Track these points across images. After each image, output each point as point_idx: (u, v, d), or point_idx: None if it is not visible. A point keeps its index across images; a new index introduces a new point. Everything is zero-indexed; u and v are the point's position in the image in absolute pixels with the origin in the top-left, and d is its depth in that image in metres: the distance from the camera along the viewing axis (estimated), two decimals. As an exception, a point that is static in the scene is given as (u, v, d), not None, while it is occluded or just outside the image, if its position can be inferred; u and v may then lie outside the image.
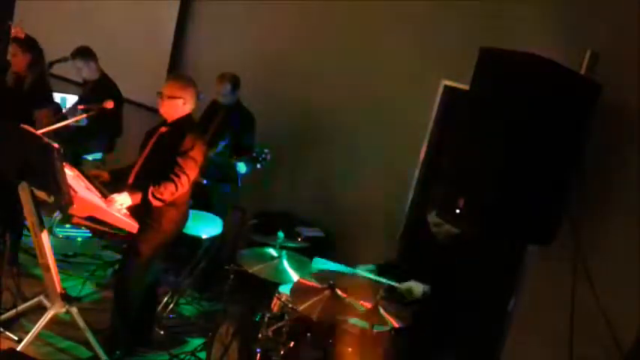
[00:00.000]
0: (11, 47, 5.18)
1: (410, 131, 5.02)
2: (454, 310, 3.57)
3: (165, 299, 4.72)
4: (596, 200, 2.73)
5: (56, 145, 3.23)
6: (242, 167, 5.13)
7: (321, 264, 3.97)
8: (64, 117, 4.34)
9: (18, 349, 3.68)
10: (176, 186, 3.80)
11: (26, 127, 3.53)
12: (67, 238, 5.69)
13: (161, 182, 3.76)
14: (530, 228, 2.72)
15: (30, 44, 5.16)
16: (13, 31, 5.20)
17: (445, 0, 4.83)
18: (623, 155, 2.70)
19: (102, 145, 6.00)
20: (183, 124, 3.98)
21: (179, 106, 3.97)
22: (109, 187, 3.91)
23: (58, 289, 3.82)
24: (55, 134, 3.65)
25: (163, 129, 4.04)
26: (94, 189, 3.79)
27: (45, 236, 3.72)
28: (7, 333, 3.89)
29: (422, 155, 4.96)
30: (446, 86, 4.84)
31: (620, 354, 2.56)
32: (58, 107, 5.63)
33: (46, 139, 3.31)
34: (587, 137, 2.69)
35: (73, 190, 3.40)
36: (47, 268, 3.76)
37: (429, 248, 3.90)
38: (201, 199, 4.55)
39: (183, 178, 3.83)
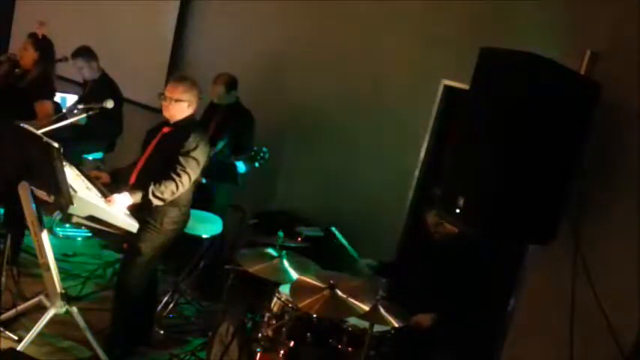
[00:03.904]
0: (24, 42, 5.20)
1: (410, 131, 5.02)
2: (454, 310, 3.57)
3: (165, 299, 4.72)
4: (596, 200, 2.73)
5: (56, 145, 3.23)
6: (241, 166, 5.14)
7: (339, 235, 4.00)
8: (64, 117, 4.33)
9: (18, 348, 3.68)
10: (177, 185, 3.80)
11: (26, 126, 3.53)
12: (67, 238, 5.70)
13: (162, 181, 3.76)
14: (530, 228, 2.72)
15: (43, 44, 5.17)
16: (36, 27, 5.22)
17: (445, 0, 4.83)
18: (623, 155, 2.70)
19: (102, 144, 6.00)
20: (187, 125, 3.98)
21: (184, 108, 3.97)
22: (109, 187, 3.91)
23: (58, 289, 3.82)
24: (55, 134, 3.64)
25: (166, 129, 4.04)
26: (94, 189, 3.79)
27: (45, 236, 3.72)
28: (7, 333, 3.89)
29: (422, 155, 4.96)
30: (446, 86, 4.84)
31: (621, 354, 2.56)
32: (57, 107, 5.63)
33: (46, 139, 3.31)
34: (587, 137, 2.69)
35: (73, 189, 3.40)
36: (47, 268, 3.76)
37: (429, 248, 3.90)
38: (201, 199, 4.55)
39: (184, 178, 3.82)
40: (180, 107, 3.96)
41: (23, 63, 5.17)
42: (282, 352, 3.43)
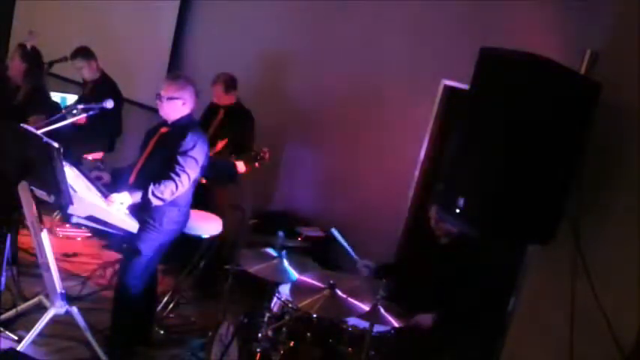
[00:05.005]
0: (13, 52, 5.19)
1: (410, 131, 5.03)
2: (454, 310, 3.56)
3: (165, 299, 4.72)
4: (596, 200, 2.73)
5: (56, 145, 3.23)
6: (241, 167, 5.14)
7: (339, 237, 4.00)
8: (64, 117, 4.34)
9: (18, 349, 3.68)
10: (176, 185, 3.79)
11: (26, 126, 3.53)
12: (67, 237, 5.70)
13: (161, 181, 3.76)
14: (530, 228, 2.72)
15: (30, 55, 5.14)
16: (28, 38, 5.21)
17: (445, 0, 4.83)
18: (623, 155, 2.69)
19: (102, 144, 6.00)
20: (185, 124, 3.97)
21: (179, 106, 3.96)
22: (109, 187, 3.91)
23: (58, 289, 3.82)
24: (55, 134, 3.64)
25: (164, 129, 4.04)
26: (94, 189, 3.79)
27: (45, 236, 3.72)
28: (7, 333, 3.90)
29: (422, 155, 4.96)
30: (446, 86, 4.85)
31: (621, 354, 2.56)
32: (56, 109, 5.62)
33: (45, 139, 3.31)
34: (587, 137, 2.69)
35: (73, 189, 3.40)
36: (47, 268, 3.76)
37: (429, 248, 3.90)
38: (201, 199, 4.55)
39: (184, 177, 3.82)
40: (174, 106, 3.95)
41: (12, 74, 5.17)
42: (282, 352, 3.43)
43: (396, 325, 3.26)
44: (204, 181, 4.90)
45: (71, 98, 6.29)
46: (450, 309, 3.57)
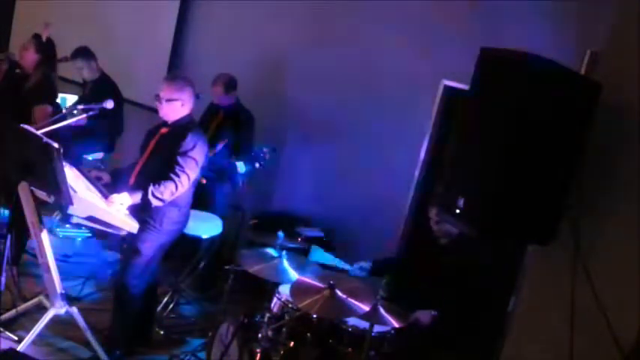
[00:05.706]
0: (27, 42, 5.17)
1: (410, 131, 5.03)
2: (454, 310, 3.56)
3: (165, 299, 4.72)
4: (596, 200, 2.73)
5: (56, 145, 3.23)
6: (242, 167, 5.14)
7: (318, 255, 4.00)
8: (64, 117, 4.33)
9: (18, 349, 3.68)
10: (176, 185, 3.79)
11: (26, 126, 3.53)
12: (67, 238, 5.70)
13: (161, 182, 3.76)
14: (530, 228, 2.72)
15: (45, 47, 5.13)
16: (44, 30, 5.19)
17: (445, 0, 4.83)
18: (623, 155, 2.69)
19: (102, 144, 6.00)
20: (184, 125, 3.97)
21: (178, 108, 3.96)
22: (109, 187, 3.91)
23: (58, 289, 3.82)
24: (55, 134, 3.64)
25: (164, 130, 4.04)
26: (94, 189, 3.79)
27: (45, 236, 3.72)
28: (7, 333, 3.90)
29: (422, 155, 4.96)
30: (446, 86, 4.85)
31: (621, 354, 2.56)
32: (57, 107, 5.63)
33: (45, 139, 3.31)
34: (587, 137, 2.69)
35: (73, 190, 3.40)
36: (47, 268, 3.76)
37: (429, 248, 3.90)
38: (201, 199, 4.55)
39: (183, 178, 3.82)
40: (174, 107, 3.95)
41: (23, 64, 5.15)
42: (282, 352, 3.43)
43: (396, 325, 3.25)
44: (204, 181, 4.90)
45: (71, 98, 6.29)
46: (450, 309, 3.57)
